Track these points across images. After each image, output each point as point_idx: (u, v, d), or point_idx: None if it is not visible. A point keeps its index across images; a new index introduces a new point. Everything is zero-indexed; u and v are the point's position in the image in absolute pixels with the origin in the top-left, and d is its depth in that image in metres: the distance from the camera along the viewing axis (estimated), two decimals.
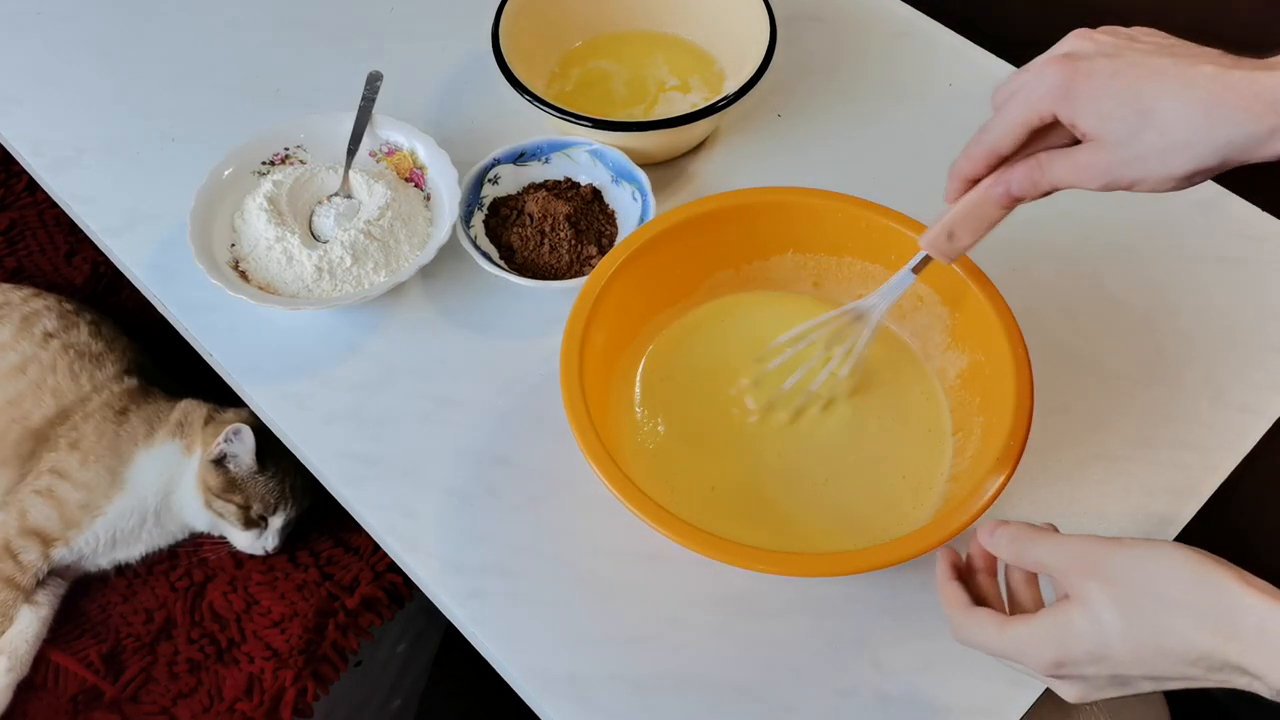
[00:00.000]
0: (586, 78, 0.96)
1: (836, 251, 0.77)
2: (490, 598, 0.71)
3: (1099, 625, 0.50)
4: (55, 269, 1.15)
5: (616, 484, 0.63)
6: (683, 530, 0.61)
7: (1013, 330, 0.69)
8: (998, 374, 0.69)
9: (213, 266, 0.80)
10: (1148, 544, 0.51)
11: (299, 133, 0.89)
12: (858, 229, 0.75)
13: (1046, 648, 0.52)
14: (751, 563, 0.61)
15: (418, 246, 0.84)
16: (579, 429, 0.65)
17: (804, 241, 0.77)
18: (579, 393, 0.66)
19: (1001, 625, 0.54)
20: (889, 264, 0.75)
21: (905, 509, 0.71)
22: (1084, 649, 0.51)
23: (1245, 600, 0.47)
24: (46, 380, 0.98)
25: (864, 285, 0.78)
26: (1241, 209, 0.89)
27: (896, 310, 0.77)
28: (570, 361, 0.68)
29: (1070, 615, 0.51)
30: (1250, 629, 0.47)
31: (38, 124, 0.96)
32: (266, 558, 0.96)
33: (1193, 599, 0.48)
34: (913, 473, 0.73)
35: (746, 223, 0.76)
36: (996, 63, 0.99)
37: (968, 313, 0.73)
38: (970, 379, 0.73)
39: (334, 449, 0.78)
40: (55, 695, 0.90)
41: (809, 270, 0.79)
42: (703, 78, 0.96)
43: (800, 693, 0.68)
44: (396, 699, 1.07)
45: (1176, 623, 0.48)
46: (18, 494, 0.94)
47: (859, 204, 0.75)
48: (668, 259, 0.75)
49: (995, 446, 0.65)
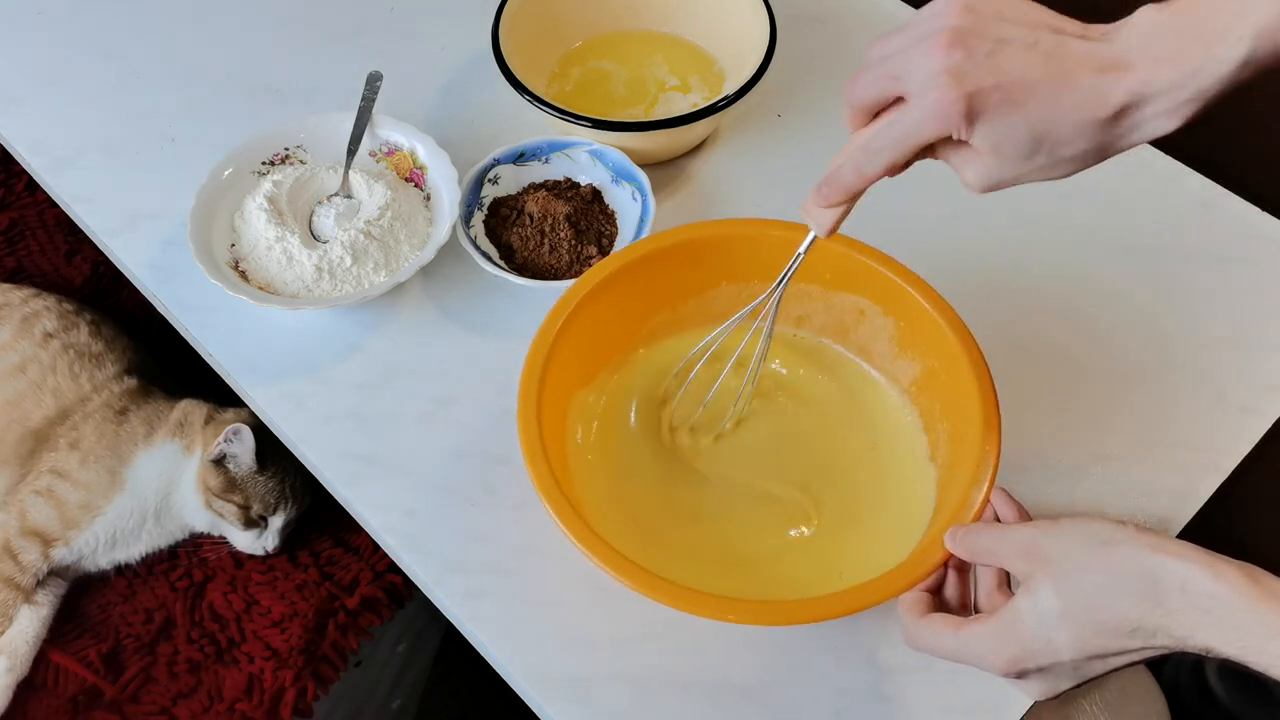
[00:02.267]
0: (586, 78, 0.96)
1: (770, 277, 0.76)
2: (490, 598, 0.71)
3: (1040, 609, 0.50)
4: (55, 269, 1.15)
5: (585, 541, 0.62)
6: (650, 583, 0.60)
7: (962, 332, 0.68)
8: (954, 377, 0.68)
9: (213, 266, 0.80)
10: (1077, 521, 0.52)
11: (299, 133, 0.89)
12: (790, 252, 0.73)
13: (1003, 645, 0.52)
14: (720, 613, 0.60)
15: (418, 246, 0.84)
16: (551, 501, 0.63)
17: (738, 272, 0.76)
18: (546, 468, 0.65)
19: (957, 627, 0.54)
20: (824, 283, 0.75)
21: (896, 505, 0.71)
22: (1033, 635, 0.51)
23: (1165, 565, 0.48)
24: (46, 380, 0.98)
25: (799, 305, 0.77)
26: (1241, 209, 0.89)
27: (839, 327, 0.76)
28: (529, 420, 0.66)
29: (1018, 605, 0.51)
30: (1173, 591, 0.47)
31: (38, 124, 0.96)
32: (266, 558, 0.96)
33: (1118, 570, 0.49)
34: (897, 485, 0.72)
35: (682, 261, 0.75)
36: None
37: (912, 321, 0.72)
38: (927, 384, 0.73)
39: (334, 449, 0.78)
40: (55, 695, 0.90)
41: (745, 299, 0.75)
42: (703, 78, 0.96)
43: (800, 693, 0.68)
44: (396, 699, 1.07)
45: (1106, 596, 0.49)
46: (18, 494, 0.94)
47: (789, 228, 0.72)
48: (607, 311, 0.73)
49: (967, 456, 0.64)
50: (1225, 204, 0.90)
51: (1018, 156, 0.51)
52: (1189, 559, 0.48)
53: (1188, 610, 0.47)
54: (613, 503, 0.71)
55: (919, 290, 0.70)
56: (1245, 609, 0.46)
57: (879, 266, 0.71)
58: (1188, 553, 0.48)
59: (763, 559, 0.70)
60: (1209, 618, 0.46)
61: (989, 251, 0.87)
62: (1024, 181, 0.53)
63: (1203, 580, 0.47)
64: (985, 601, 0.57)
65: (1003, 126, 0.50)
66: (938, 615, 0.56)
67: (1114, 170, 0.91)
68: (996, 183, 0.53)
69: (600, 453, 0.74)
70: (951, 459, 0.69)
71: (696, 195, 0.90)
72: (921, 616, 0.57)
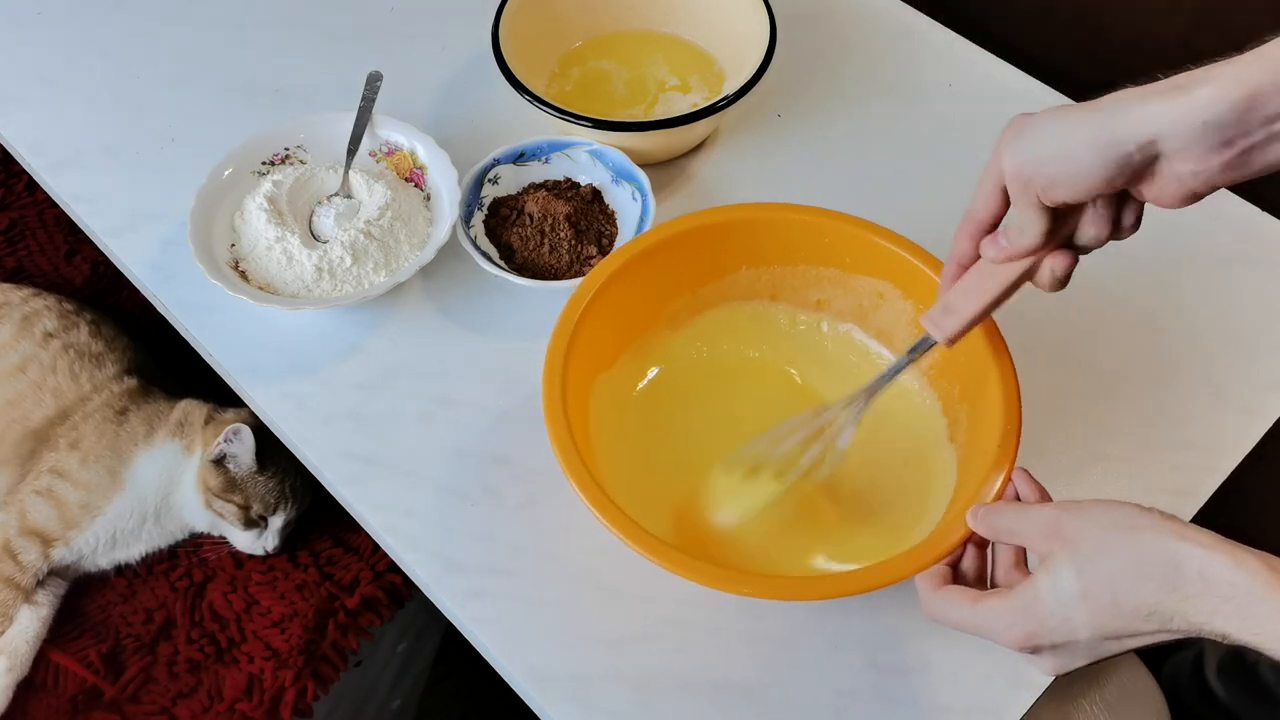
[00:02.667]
0: (586, 78, 0.96)
1: (790, 260, 0.76)
2: (490, 598, 0.71)
3: (1059, 589, 0.51)
4: (55, 269, 1.15)
5: (607, 513, 0.62)
6: (678, 560, 0.61)
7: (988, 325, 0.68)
8: (973, 357, 0.68)
9: (213, 266, 0.80)
10: (1101, 504, 0.52)
11: (299, 133, 0.89)
12: (810, 236, 0.74)
13: (1019, 621, 0.52)
14: (740, 587, 0.60)
15: (418, 246, 0.84)
16: (569, 466, 0.64)
17: (758, 255, 0.76)
18: (569, 438, 0.65)
19: (974, 601, 0.55)
20: (843, 266, 0.75)
21: (912, 498, 0.71)
22: (1050, 614, 0.51)
23: (1187, 551, 0.48)
24: (46, 380, 0.98)
25: (819, 289, 0.77)
26: (1241, 209, 0.89)
27: (858, 311, 0.77)
28: (554, 399, 0.67)
29: (1037, 584, 0.52)
30: (1193, 578, 0.48)
31: (38, 124, 0.96)
32: (266, 558, 0.96)
33: (1141, 555, 0.49)
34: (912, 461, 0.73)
35: (702, 245, 0.75)
36: (996, 63, 0.99)
37: (931, 302, 0.72)
38: (946, 368, 0.73)
39: (334, 449, 0.78)
40: (55, 695, 0.90)
41: (765, 283, 0.78)
42: (703, 78, 0.96)
43: (800, 693, 0.68)
44: (396, 699, 1.07)
45: (1128, 580, 0.49)
46: (18, 494, 0.94)
47: (809, 211, 0.74)
48: (629, 291, 0.74)
49: (987, 438, 0.65)
50: (1225, 204, 0.90)
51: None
52: (1211, 546, 0.48)
53: (1207, 596, 0.47)
54: (631, 481, 0.72)
55: (936, 270, 0.70)
56: (1264, 597, 0.46)
57: (898, 249, 0.72)
58: (1209, 540, 0.48)
59: (781, 541, 0.71)
60: (1228, 605, 0.47)
61: None
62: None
63: (1223, 568, 0.47)
64: (1003, 577, 0.57)
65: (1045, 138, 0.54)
66: (955, 588, 0.57)
67: None
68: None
69: (619, 433, 0.75)
70: (971, 441, 0.69)
71: (696, 195, 0.90)
72: (939, 588, 0.57)
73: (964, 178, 0.91)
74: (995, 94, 0.97)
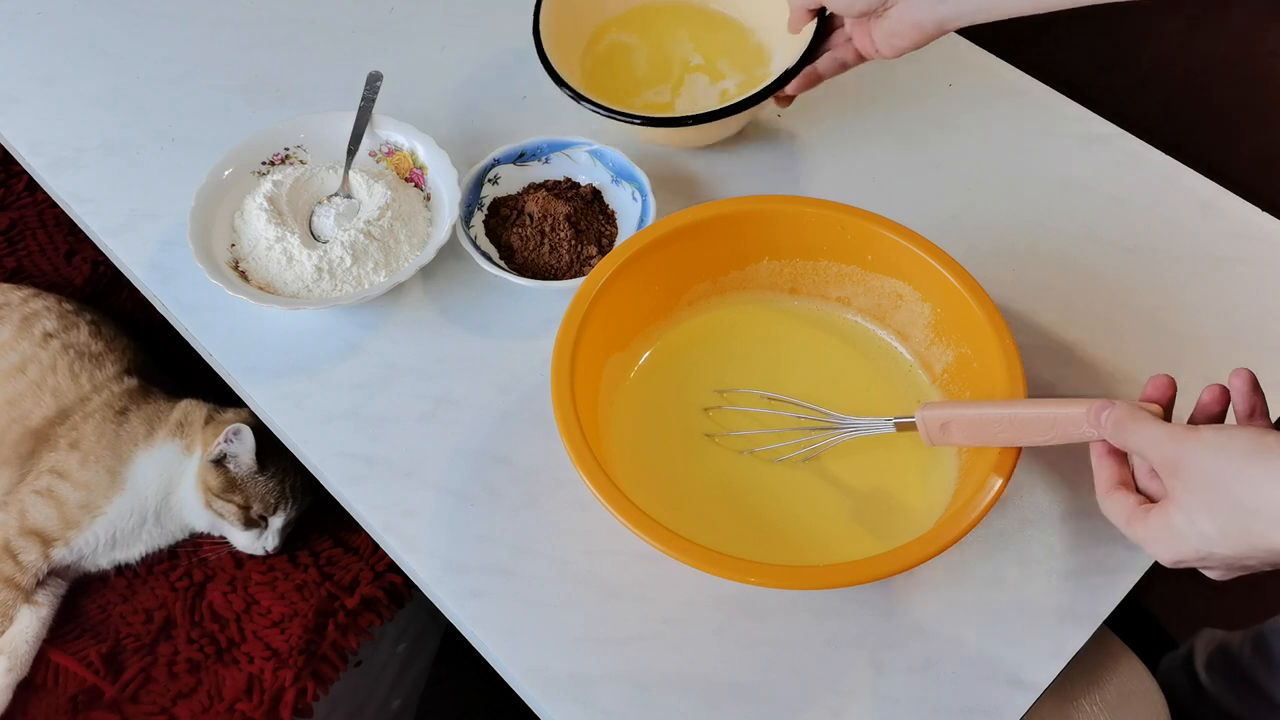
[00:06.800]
0: (611, 52, 0.95)
1: (812, 255, 0.77)
2: (490, 598, 0.71)
3: (1197, 529, 0.53)
4: (55, 269, 1.15)
5: (614, 501, 0.63)
6: (685, 548, 0.61)
7: (998, 322, 0.69)
8: (986, 367, 0.69)
9: (212, 266, 0.80)
10: (1214, 440, 0.54)
11: (299, 133, 0.89)
12: (832, 232, 0.75)
13: (1167, 549, 0.56)
14: (747, 576, 0.61)
15: (418, 246, 0.84)
16: (575, 451, 0.65)
17: (780, 248, 0.77)
18: (574, 419, 0.66)
19: (1129, 518, 0.58)
20: (864, 264, 0.76)
21: (913, 495, 0.72)
22: (1191, 549, 0.54)
23: None
24: (46, 380, 0.98)
25: (839, 287, 0.78)
26: (1241, 209, 0.89)
27: (877, 310, 0.78)
28: (561, 383, 0.67)
29: (1171, 519, 0.55)
30: None
31: (38, 124, 0.96)
32: (266, 558, 0.96)
33: (1262, 502, 0.51)
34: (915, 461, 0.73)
35: (724, 234, 0.76)
36: (996, 63, 0.99)
37: (949, 308, 0.73)
38: (958, 372, 0.74)
39: (334, 449, 0.78)
40: (55, 695, 0.90)
41: (785, 276, 0.79)
42: (731, 59, 0.94)
43: (800, 693, 0.68)
44: (396, 699, 1.07)
45: (1258, 524, 0.51)
46: (18, 494, 0.94)
47: (833, 207, 0.74)
48: (648, 274, 0.75)
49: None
50: (1225, 204, 0.90)
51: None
52: None
53: None
54: (641, 467, 0.72)
55: (957, 276, 0.71)
56: None
57: (919, 251, 0.72)
58: None
59: (791, 533, 0.71)
60: None
61: (992, 252, 0.87)
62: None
63: None
64: (1144, 484, 0.60)
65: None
66: (1118, 498, 0.59)
67: (1114, 169, 0.92)
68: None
69: (630, 416, 0.75)
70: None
71: (697, 195, 0.90)
72: (1109, 492, 0.60)
73: (963, 178, 0.92)
74: (995, 94, 0.97)
